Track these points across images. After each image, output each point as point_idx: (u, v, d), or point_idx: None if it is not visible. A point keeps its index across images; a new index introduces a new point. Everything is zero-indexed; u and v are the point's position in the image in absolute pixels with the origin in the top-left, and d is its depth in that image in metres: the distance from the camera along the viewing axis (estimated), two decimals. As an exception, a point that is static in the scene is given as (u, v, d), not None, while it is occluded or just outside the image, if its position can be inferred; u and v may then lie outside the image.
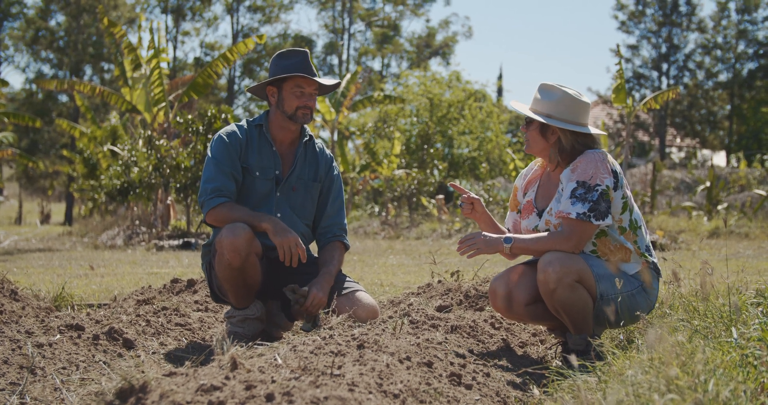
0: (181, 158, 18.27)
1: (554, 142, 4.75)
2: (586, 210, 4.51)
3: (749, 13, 52.14)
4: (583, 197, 4.53)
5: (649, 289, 4.75)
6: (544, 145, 4.79)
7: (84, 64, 51.36)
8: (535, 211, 4.89)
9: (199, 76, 20.47)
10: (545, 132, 4.76)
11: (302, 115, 5.46)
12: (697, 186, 28.09)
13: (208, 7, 58.60)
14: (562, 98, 4.74)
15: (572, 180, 4.59)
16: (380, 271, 11.05)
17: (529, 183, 5.05)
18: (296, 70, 5.42)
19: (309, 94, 5.45)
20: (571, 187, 4.57)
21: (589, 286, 4.62)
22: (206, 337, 5.55)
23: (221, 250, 5.07)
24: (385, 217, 25.71)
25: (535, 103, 4.82)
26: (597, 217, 4.51)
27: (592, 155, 4.63)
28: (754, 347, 3.47)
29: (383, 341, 4.01)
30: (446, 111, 38.00)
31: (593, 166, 4.59)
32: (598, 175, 4.56)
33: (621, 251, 4.71)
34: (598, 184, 4.55)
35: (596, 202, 4.51)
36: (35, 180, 51.04)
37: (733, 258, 12.36)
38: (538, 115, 4.74)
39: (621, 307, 4.65)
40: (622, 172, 4.78)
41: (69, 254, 15.36)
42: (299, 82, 5.44)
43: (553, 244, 4.60)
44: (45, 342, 4.52)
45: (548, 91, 4.79)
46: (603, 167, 4.59)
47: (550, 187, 4.91)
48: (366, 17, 62.32)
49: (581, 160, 4.63)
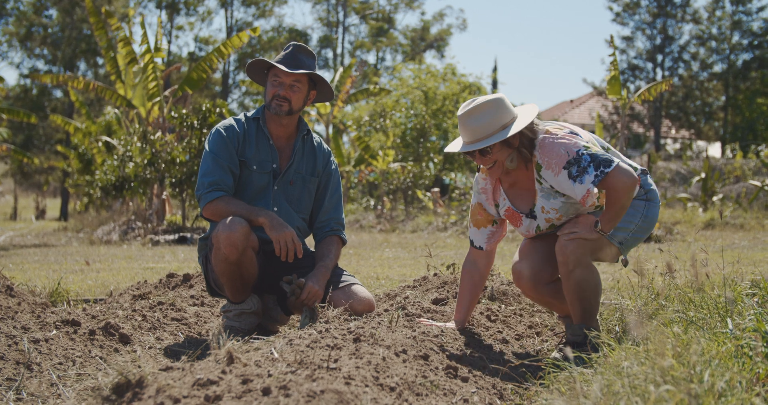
0: (176, 153, 18.24)
1: (518, 144, 4.70)
2: (595, 171, 4.50)
3: (743, 3, 52.11)
4: (581, 169, 4.51)
5: (652, 198, 4.86)
6: (510, 152, 4.71)
7: (77, 60, 51.24)
8: (523, 215, 4.88)
9: (193, 70, 20.44)
10: (508, 142, 4.67)
11: (276, 105, 5.44)
12: (692, 177, 28.10)
13: (202, 2, 58.55)
14: (493, 108, 4.63)
15: (559, 173, 4.57)
16: (376, 264, 11.05)
17: (493, 193, 5.01)
18: (279, 61, 5.43)
19: (287, 84, 5.43)
20: (565, 174, 4.55)
21: (609, 249, 4.72)
22: (202, 332, 5.55)
23: (218, 244, 5.07)
24: (380, 210, 25.69)
25: (474, 132, 4.66)
26: (605, 165, 4.49)
27: (547, 142, 4.61)
28: (749, 338, 3.48)
29: (379, 334, 4.02)
30: (441, 104, 37.95)
31: (558, 146, 4.58)
32: (569, 147, 4.55)
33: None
34: (577, 150, 4.54)
35: (593, 160, 4.50)
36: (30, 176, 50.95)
37: (729, 249, 12.38)
38: (494, 137, 4.61)
39: (640, 229, 4.81)
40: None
41: (64, 250, 15.35)
42: (276, 72, 5.44)
43: (621, 201, 4.58)
44: (41, 337, 4.51)
45: (476, 114, 4.64)
46: (565, 141, 4.59)
47: (519, 187, 4.88)
48: (360, 10, 62.28)
49: (543, 155, 4.61)
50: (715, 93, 54.06)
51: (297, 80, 5.46)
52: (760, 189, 21.08)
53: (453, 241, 17.14)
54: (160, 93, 20.36)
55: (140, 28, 20.87)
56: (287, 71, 5.39)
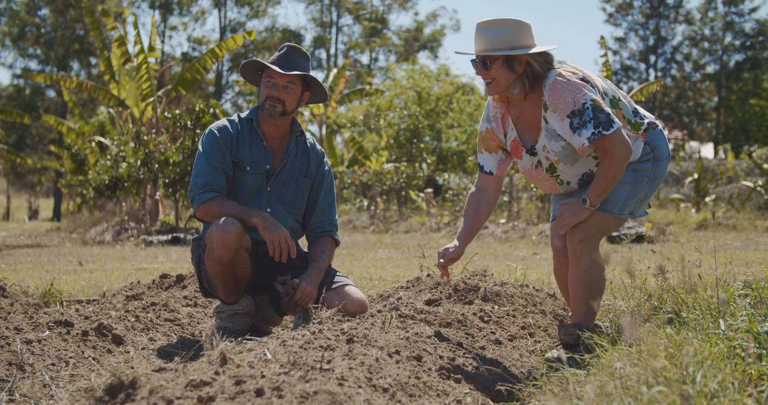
0: (169, 153, 18.23)
1: (522, 71, 4.66)
2: (592, 129, 4.49)
3: (736, 4, 52.31)
4: (582, 123, 4.50)
5: (659, 155, 4.81)
6: (512, 78, 4.66)
7: (70, 60, 51.20)
8: (524, 150, 4.86)
9: (187, 71, 20.44)
10: (512, 64, 4.63)
11: (269, 106, 5.44)
12: (685, 178, 28.14)
13: (196, 2, 58.54)
14: (514, 27, 4.61)
15: (563, 120, 4.55)
16: (369, 265, 11.06)
17: (502, 121, 4.96)
18: (274, 61, 5.44)
19: (281, 86, 5.44)
20: (567, 123, 4.54)
21: (617, 222, 4.76)
22: (196, 333, 5.55)
23: (211, 245, 5.07)
24: (374, 210, 25.70)
25: (485, 42, 4.64)
26: (605, 128, 4.47)
27: (558, 85, 4.56)
28: (741, 339, 3.49)
29: (372, 335, 4.02)
30: (434, 104, 37.94)
31: (567, 92, 4.53)
32: (576, 96, 4.51)
33: None
34: (583, 102, 4.49)
35: (595, 118, 4.47)
36: (23, 176, 50.93)
37: (721, 249, 12.40)
38: (500, 50, 4.60)
39: (649, 192, 4.83)
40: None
41: (57, 250, 15.33)
42: (269, 73, 5.45)
43: (612, 171, 4.57)
44: (34, 338, 4.51)
45: (494, 26, 4.63)
46: (574, 88, 4.54)
47: (526, 121, 4.84)
48: (354, 11, 62.31)
49: (552, 97, 4.57)
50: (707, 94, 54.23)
51: (291, 81, 5.46)
52: (752, 190, 21.12)
53: (446, 241, 17.14)
54: (154, 93, 20.35)
55: (133, 28, 20.84)
56: (281, 72, 5.39)
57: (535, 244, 15.59)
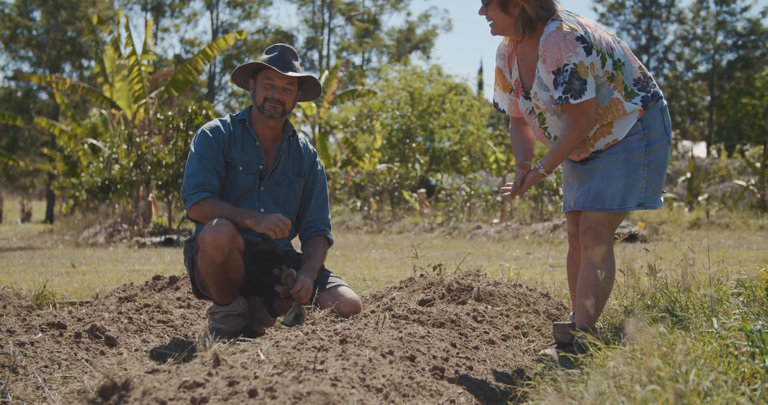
0: (162, 155, 18.22)
1: (518, 14, 4.65)
2: (561, 93, 4.48)
3: (727, 4, 52.43)
4: (557, 83, 4.49)
5: (652, 138, 4.73)
6: (508, 21, 4.67)
7: (62, 62, 51.16)
8: (522, 92, 4.87)
9: (179, 72, 20.44)
10: (506, 7, 4.64)
11: (269, 108, 5.45)
12: (677, 177, 28.18)
13: (188, 4, 58.52)
14: None
15: (549, 72, 4.55)
16: (363, 266, 11.06)
17: (509, 60, 4.96)
18: (270, 63, 5.44)
19: (280, 87, 5.45)
20: (552, 79, 4.54)
21: (621, 215, 4.75)
22: (189, 334, 5.54)
23: (204, 247, 5.07)
24: (367, 211, 25.70)
25: None
26: (574, 96, 4.46)
27: (552, 38, 4.53)
28: (734, 337, 3.49)
29: (366, 336, 4.02)
30: (427, 105, 37.98)
31: (556, 48, 4.49)
32: (562, 56, 4.48)
33: (613, 105, 4.66)
34: (566, 63, 4.47)
35: (568, 83, 4.46)
36: (16, 178, 50.87)
37: (715, 248, 12.41)
38: None
39: (651, 179, 4.75)
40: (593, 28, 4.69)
41: (50, 252, 15.31)
42: (269, 74, 5.45)
43: (569, 141, 4.59)
44: (27, 340, 4.50)
45: None
46: (565, 46, 4.49)
47: (527, 62, 4.84)
48: (346, 12, 62.33)
49: (544, 46, 4.54)
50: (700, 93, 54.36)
51: (289, 83, 5.48)
52: (745, 188, 21.14)
53: (439, 241, 17.16)
54: (146, 95, 20.33)
55: (125, 31, 20.82)
56: (283, 74, 5.41)
57: (528, 244, 15.60)
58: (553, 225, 17.16)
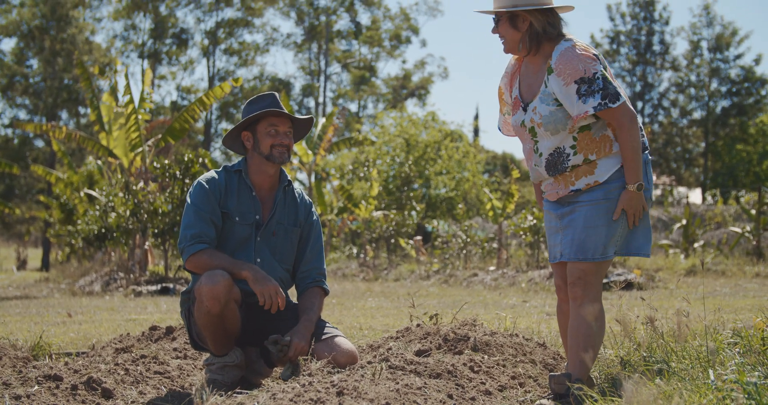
0: (158, 203, 18.24)
1: (526, 29, 4.75)
2: (600, 100, 4.54)
3: (721, 51, 52.76)
4: (589, 91, 4.55)
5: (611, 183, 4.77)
6: (517, 36, 4.78)
7: (59, 109, 51.32)
8: (521, 106, 4.92)
9: (175, 120, 20.51)
10: (515, 22, 4.76)
11: (279, 154, 5.50)
12: (673, 224, 28.22)
13: (185, 51, 58.85)
14: None
15: (569, 84, 4.60)
16: (359, 314, 11.04)
17: (512, 78, 5.06)
18: (270, 109, 5.50)
19: (283, 132, 5.51)
20: (574, 89, 4.59)
21: (607, 264, 4.75)
22: (186, 385, 5.53)
23: (200, 298, 5.08)
24: (363, 258, 25.67)
25: (495, 1, 4.82)
26: (612, 100, 4.54)
27: (571, 52, 4.63)
28: (731, 389, 3.49)
29: (362, 387, 4.02)
30: (423, 151, 38.09)
31: (577, 60, 4.59)
32: (587, 66, 4.57)
33: (602, 141, 4.70)
34: (594, 72, 4.57)
35: (604, 88, 4.54)
36: (11, 226, 50.84)
37: (710, 296, 12.42)
38: (503, 7, 4.74)
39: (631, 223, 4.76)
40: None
41: (46, 301, 15.26)
42: (272, 121, 5.50)
43: (629, 143, 4.61)
44: (23, 393, 4.49)
45: None
46: (586, 57, 4.61)
47: (530, 77, 4.91)
48: (342, 59, 62.68)
49: (560, 62, 4.63)
50: (694, 139, 54.56)
51: (290, 127, 5.55)
52: (740, 235, 21.17)
53: (436, 289, 17.13)
54: (143, 143, 20.40)
55: (123, 79, 20.90)
56: (287, 119, 5.52)
57: (524, 292, 15.58)
58: (549, 272, 17.14)
